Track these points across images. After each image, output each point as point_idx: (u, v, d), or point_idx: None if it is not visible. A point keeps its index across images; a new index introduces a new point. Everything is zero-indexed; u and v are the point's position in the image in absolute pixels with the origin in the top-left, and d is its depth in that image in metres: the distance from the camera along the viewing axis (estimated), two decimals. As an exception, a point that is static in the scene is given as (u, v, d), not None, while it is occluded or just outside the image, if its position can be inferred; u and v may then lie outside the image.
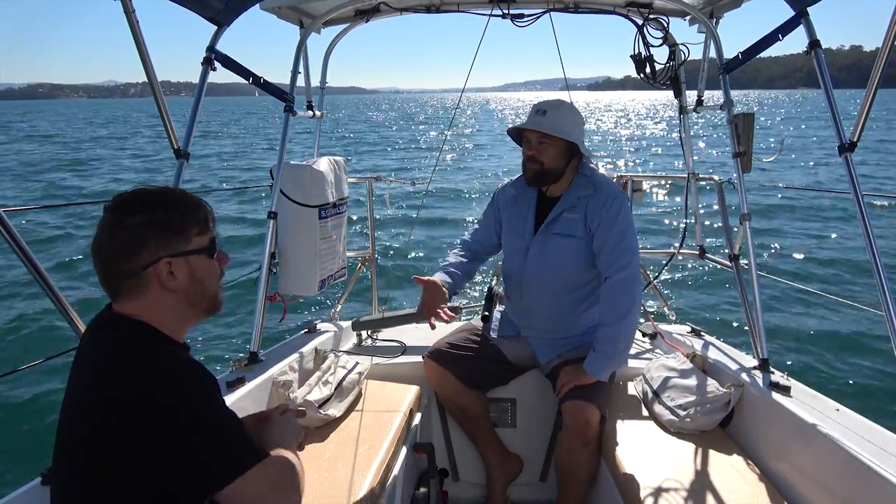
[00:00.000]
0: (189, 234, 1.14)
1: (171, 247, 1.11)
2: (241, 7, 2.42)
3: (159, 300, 1.11)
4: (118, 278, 1.10)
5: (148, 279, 1.10)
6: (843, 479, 1.66)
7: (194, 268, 1.14)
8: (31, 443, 4.26)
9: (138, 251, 1.08)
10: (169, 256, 1.10)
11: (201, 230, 1.16)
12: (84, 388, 1.06)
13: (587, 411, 2.09)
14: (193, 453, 1.01)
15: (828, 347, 5.81)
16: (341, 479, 1.83)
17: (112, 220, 1.09)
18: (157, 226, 1.10)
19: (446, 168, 20.81)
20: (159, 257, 1.10)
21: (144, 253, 1.09)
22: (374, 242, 3.40)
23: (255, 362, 2.36)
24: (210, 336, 6.05)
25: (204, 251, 1.16)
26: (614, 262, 2.17)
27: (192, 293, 1.15)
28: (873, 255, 1.84)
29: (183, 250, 1.12)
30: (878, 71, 1.95)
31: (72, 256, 9.15)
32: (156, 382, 1.02)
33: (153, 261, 1.09)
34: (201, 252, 1.15)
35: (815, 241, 10.07)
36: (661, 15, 2.84)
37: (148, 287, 1.10)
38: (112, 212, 1.10)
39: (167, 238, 1.11)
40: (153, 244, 1.09)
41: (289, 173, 2.65)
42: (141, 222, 1.09)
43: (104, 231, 1.09)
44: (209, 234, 1.18)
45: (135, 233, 1.08)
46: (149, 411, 0.99)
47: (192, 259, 1.14)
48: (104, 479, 1.00)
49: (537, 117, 2.24)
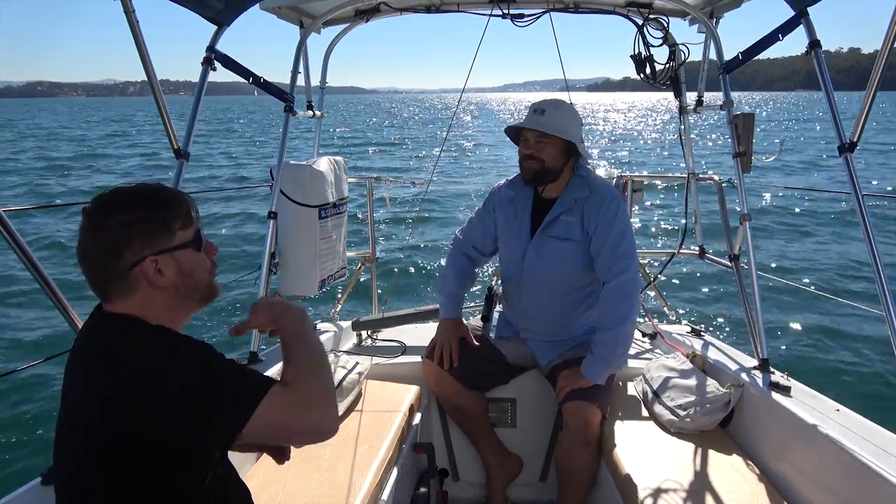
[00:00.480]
0: (172, 229, 1.11)
1: (156, 244, 1.09)
2: (241, 7, 2.42)
3: (149, 298, 1.10)
4: (105, 280, 1.08)
5: (135, 279, 1.08)
6: (843, 479, 1.66)
7: (181, 262, 1.12)
8: (31, 443, 4.26)
9: (122, 252, 1.06)
10: (154, 254, 1.08)
11: (184, 224, 1.13)
12: (81, 388, 1.06)
13: (588, 412, 2.09)
14: (209, 400, 0.99)
15: (828, 347, 5.82)
16: (341, 479, 1.83)
17: (92, 223, 1.07)
18: (139, 224, 1.07)
19: (447, 168, 20.82)
20: (144, 256, 1.07)
21: (128, 253, 1.07)
22: (375, 242, 3.40)
23: (255, 362, 2.36)
24: (210, 336, 6.05)
25: (189, 244, 1.13)
26: (612, 267, 2.17)
27: (183, 287, 1.13)
28: (873, 255, 1.85)
29: (167, 246, 1.10)
30: (878, 71, 1.95)
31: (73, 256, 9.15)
32: (146, 373, 1.00)
33: (138, 260, 1.07)
34: (187, 246, 1.13)
35: (815, 241, 10.08)
36: (661, 15, 2.84)
37: (136, 286, 1.08)
38: (91, 215, 1.07)
39: (150, 236, 1.08)
40: (136, 243, 1.07)
41: (289, 173, 2.65)
42: (122, 222, 1.06)
43: (85, 235, 1.07)
44: (193, 227, 1.15)
45: (116, 233, 1.06)
46: (151, 398, 0.98)
47: (178, 254, 1.11)
48: (105, 477, 1.00)
49: (536, 116, 2.23)
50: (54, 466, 1.11)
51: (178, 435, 1.00)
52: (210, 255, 1.19)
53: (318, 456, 1.99)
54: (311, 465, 1.93)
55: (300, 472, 1.89)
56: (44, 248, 9.49)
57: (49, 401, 4.71)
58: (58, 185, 18.04)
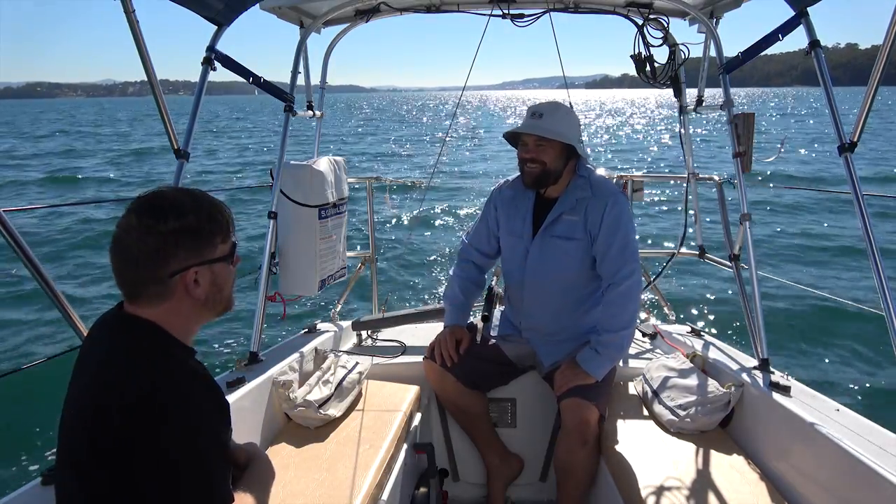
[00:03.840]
0: (215, 242, 1.12)
1: (200, 255, 1.10)
2: (241, 7, 2.42)
3: (179, 306, 1.10)
4: (142, 283, 1.08)
5: (174, 286, 1.08)
6: (843, 479, 1.66)
7: (216, 275, 1.14)
8: (31, 443, 4.26)
9: (167, 259, 1.07)
10: (197, 265, 1.09)
11: (224, 237, 1.15)
12: (90, 391, 1.05)
13: (586, 411, 2.09)
14: (172, 467, 0.99)
15: (828, 347, 5.82)
16: (341, 479, 1.83)
17: (142, 225, 1.05)
18: (189, 234, 1.08)
19: (447, 167, 20.83)
20: (189, 266, 1.08)
21: (174, 261, 1.07)
22: (374, 242, 3.40)
23: (255, 362, 2.36)
24: (210, 336, 6.05)
25: (226, 258, 1.15)
26: (619, 270, 2.18)
27: (212, 299, 1.14)
28: (873, 255, 1.84)
29: (209, 258, 1.11)
30: (878, 71, 1.94)
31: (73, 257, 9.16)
32: (161, 386, 1.01)
33: (182, 269, 1.08)
34: (224, 259, 1.15)
35: (815, 241, 10.07)
36: (661, 15, 2.85)
37: (172, 294, 1.09)
38: (141, 216, 1.06)
39: (197, 247, 1.09)
40: (184, 253, 1.08)
41: (289, 173, 2.65)
42: (173, 229, 1.06)
43: (130, 234, 1.06)
44: (230, 241, 1.17)
45: (166, 240, 1.06)
46: (150, 417, 0.98)
47: (216, 266, 1.13)
48: (108, 480, 0.99)
49: (533, 121, 2.23)
50: (56, 466, 1.11)
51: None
52: (235, 266, 1.21)
53: (318, 456, 1.99)
54: (311, 465, 1.93)
55: (300, 472, 1.89)
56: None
57: (49, 401, 4.68)
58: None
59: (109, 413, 0.99)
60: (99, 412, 1.01)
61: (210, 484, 1.03)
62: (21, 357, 5.58)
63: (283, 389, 2.20)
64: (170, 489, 0.98)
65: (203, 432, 1.03)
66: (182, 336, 1.13)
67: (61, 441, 1.09)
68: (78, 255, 9.45)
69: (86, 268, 8.75)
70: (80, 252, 9.61)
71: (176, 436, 0.99)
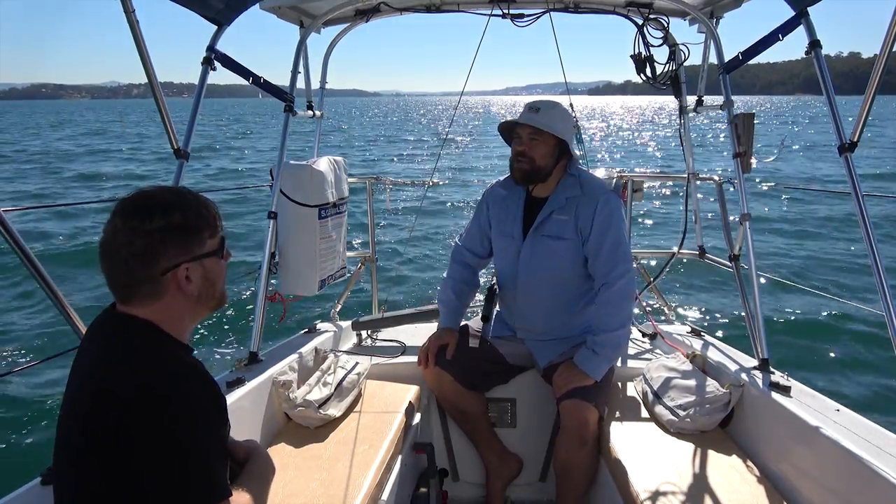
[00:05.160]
0: (203, 237, 1.13)
1: (190, 251, 1.10)
2: (242, 7, 2.42)
3: (172, 303, 1.11)
4: (133, 283, 1.08)
5: (166, 284, 1.09)
6: (843, 479, 1.66)
7: (207, 270, 1.14)
8: (31, 443, 4.26)
9: (157, 258, 1.07)
10: (188, 262, 1.10)
11: (212, 232, 1.15)
12: (86, 387, 1.06)
13: (585, 411, 2.09)
14: (171, 461, 0.99)
15: (828, 347, 5.81)
16: (341, 479, 1.83)
17: (127, 226, 1.06)
18: (176, 231, 1.08)
19: (448, 168, 20.83)
20: (179, 262, 1.09)
21: (164, 259, 1.07)
22: (374, 242, 3.40)
23: (254, 362, 2.36)
24: (210, 336, 6.05)
25: (215, 253, 1.16)
26: (612, 270, 2.19)
27: (204, 294, 1.15)
28: (873, 255, 1.84)
29: (199, 254, 1.12)
30: (878, 71, 1.95)
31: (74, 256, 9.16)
32: (158, 381, 1.01)
33: (172, 266, 1.08)
34: (214, 254, 1.15)
35: (814, 241, 10.07)
36: (661, 15, 2.85)
37: (165, 292, 1.09)
38: (126, 218, 1.06)
39: (186, 243, 1.10)
40: (173, 250, 1.08)
41: (289, 173, 2.65)
42: (160, 227, 1.06)
43: (117, 236, 1.06)
44: (219, 235, 1.17)
45: (154, 238, 1.06)
46: (148, 409, 0.98)
47: (206, 261, 1.14)
48: (107, 477, 0.99)
49: (530, 114, 2.26)
50: (54, 465, 1.11)
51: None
52: (226, 261, 1.21)
53: (318, 456, 1.99)
54: (311, 465, 1.93)
55: (300, 472, 1.89)
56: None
57: (49, 401, 4.71)
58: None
59: (107, 410, 0.99)
60: (96, 409, 1.01)
61: (210, 475, 1.03)
62: (21, 357, 5.58)
63: (282, 389, 2.20)
64: (170, 482, 0.98)
65: (201, 425, 1.03)
66: (177, 333, 1.13)
67: (59, 440, 1.09)
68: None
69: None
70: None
71: (174, 429, 0.99)
